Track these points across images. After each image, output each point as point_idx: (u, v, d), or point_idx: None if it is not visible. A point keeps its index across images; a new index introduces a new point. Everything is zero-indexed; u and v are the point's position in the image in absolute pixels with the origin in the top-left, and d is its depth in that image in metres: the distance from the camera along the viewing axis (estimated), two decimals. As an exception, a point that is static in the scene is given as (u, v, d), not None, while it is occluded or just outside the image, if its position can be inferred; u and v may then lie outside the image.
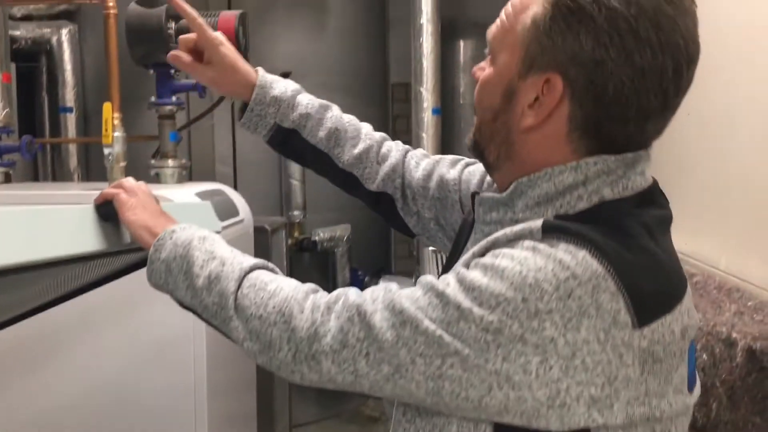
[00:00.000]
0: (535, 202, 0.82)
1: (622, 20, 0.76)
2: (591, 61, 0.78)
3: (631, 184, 0.82)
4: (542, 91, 0.81)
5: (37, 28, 3.78)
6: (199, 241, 0.96)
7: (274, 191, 3.93)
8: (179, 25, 2.91)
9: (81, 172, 3.86)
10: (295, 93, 1.18)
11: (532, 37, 0.81)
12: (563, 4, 0.78)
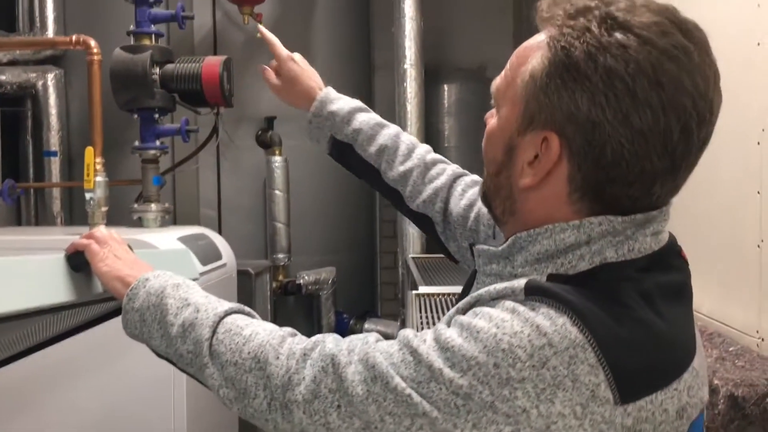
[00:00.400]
0: (535, 258, 0.79)
1: (618, 80, 0.72)
2: (587, 121, 0.74)
3: (638, 246, 0.77)
4: (541, 150, 0.78)
5: (23, 73, 3.79)
6: (172, 288, 0.95)
7: (259, 234, 3.92)
8: (164, 70, 2.94)
9: (64, 216, 3.84)
10: (354, 110, 1.23)
11: (530, 93, 0.78)
12: (559, 61, 0.75)
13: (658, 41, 0.73)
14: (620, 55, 0.72)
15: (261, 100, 3.91)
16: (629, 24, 0.73)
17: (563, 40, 0.75)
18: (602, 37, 0.73)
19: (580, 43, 0.73)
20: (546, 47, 0.76)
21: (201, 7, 3.73)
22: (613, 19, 0.73)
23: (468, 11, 5.06)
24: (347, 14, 4.35)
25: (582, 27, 0.74)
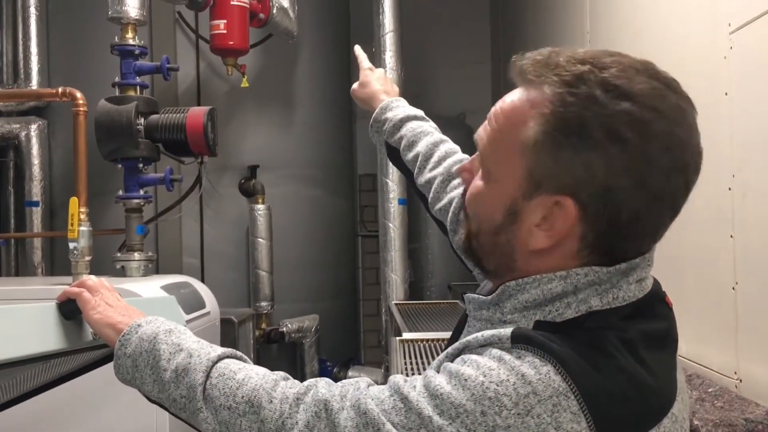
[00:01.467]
0: (524, 305, 0.81)
1: (632, 148, 0.74)
2: (603, 186, 0.75)
3: (622, 294, 0.79)
4: (551, 212, 0.78)
5: (6, 124, 3.81)
6: (165, 334, 0.95)
7: (242, 282, 3.92)
8: (148, 121, 2.98)
9: (45, 266, 3.82)
10: (407, 117, 1.30)
11: (536, 159, 0.77)
12: (568, 128, 0.75)
13: (662, 107, 0.75)
14: (631, 124, 0.74)
15: (244, 149, 3.96)
16: (632, 92, 0.75)
17: (571, 108, 0.75)
18: (610, 106, 0.74)
19: (589, 112, 0.74)
20: (549, 113, 0.76)
21: (185, 59, 3.80)
22: (615, 88, 0.75)
23: (447, 62, 5.19)
24: (329, 65, 4.44)
25: (586, 95, 0.75)
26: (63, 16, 3.96)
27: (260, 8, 3.52)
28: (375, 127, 1.33)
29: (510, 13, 4.71)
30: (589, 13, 2.79)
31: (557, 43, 3.45)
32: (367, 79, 1.40)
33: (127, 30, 2.95)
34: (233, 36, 3.36)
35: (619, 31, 2.47)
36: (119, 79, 2.98)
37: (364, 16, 4.36)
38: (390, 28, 3.92)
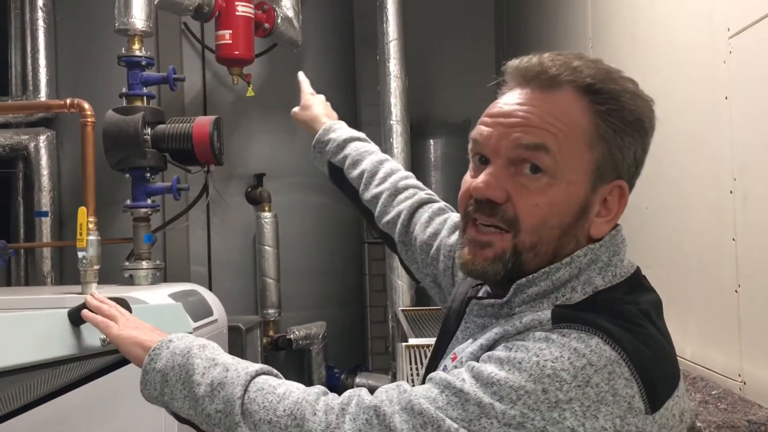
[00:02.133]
0: (532, 298, 0.85)
1: (651, 130, 0.88)
2: (635, 163, 0.87)
3: (619, 271, 0.86)
4: (607, 198, 0.86)
5: (15, 135, 3.85)
6: (198, 349, 0.94)
7: (249, 290, 3.94)
8: (155, 130, 3.01)
9: (54, 275, 3.85)
10: (350, 138, 1.35)
11: (602, 150, 0.84)
12: (630, 121, 0.85)
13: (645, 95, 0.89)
14: (651, 111, 0.88)
15: (250, 157, 3.98)
16: (635, 86, 0.88)
17: (628, 105, 0.85)
18: (641, 98, 0.87)
19: (635, 106, 0.86)
20: (591, 104, 0.84)
21: (191, 69, 3.83)
22: (631, 82, 0.87)
23: (451, 69, 5.21)
24: (333, 73, 4.47)
25: (622, 90, 0.86)
26: (70, 28, 4.00)
27: (265, 18, 3.56)
28: (318, 148, 1.38)
29: (514, 20, 4.73)
30: (591, 20, 2.81)
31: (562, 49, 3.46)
32: (308, 103, 1.46)
33: (133, 41, 2.98)
34: (238, 46, 3.39)
35: (620, 38, 2.49)
36: (126, 90, 3.01)
37: (368, 25, 4.39)
38: (394, 36, 3.95)
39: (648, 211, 2.14)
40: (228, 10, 3.36)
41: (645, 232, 2.14)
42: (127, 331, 1.01)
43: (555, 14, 3.47)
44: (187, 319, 1.45)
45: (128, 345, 0.99)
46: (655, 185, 2.07)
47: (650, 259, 2.07)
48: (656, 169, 2.10)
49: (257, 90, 3.77)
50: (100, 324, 1.03)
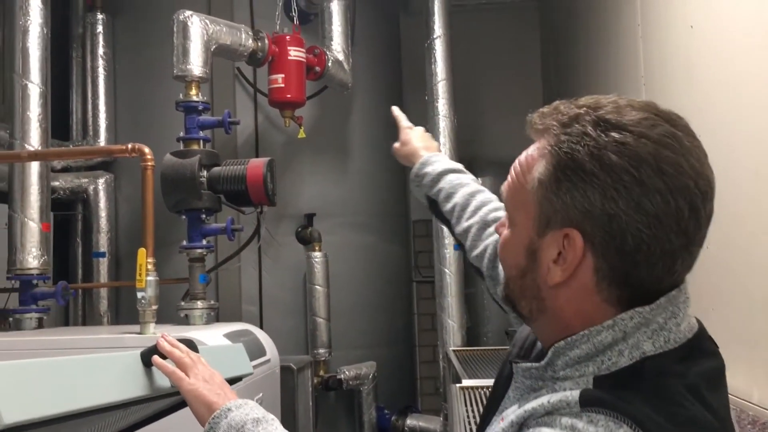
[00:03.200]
0: (575, 361, 0.82)
1: (624, 172, 0.77)
2: (603, 215, 0.78)
3: (673, 336, 0.80)
4: (563, 246, 0.81)
5: (75, 179, 3.98)
6: (252, 423, 1.02)
7: (300, 329, 3.96)
8: (210, 173, 3.08)
9: (111, 315, 3.93)
10: (446, 171, 1.36)
11: (542, 196, 0.82)
12: (564, 164, 0.80)
13: (650, 133, 0.78)
14: (620, 151, 0.78)
15: (301, 197, 4.04)
16: (621, 123, 0.79)
17: (564, 146, 0.80)
18: (600, 138, 0.79)
19: (581, 147, 0.79)
20: (548, 154, 0.82)
21: (244, 111, 3.93)
22: (605, 122, 0.80)
23: (499, 107, 5.22)
24: (382, 113, 4.49)
25: (579, 132, 0.80)
26: (129, 75, 4.15)
27: (316, 62, 3.63)
28: (415, 181, 1.40)
29: (561, 58, 4.74)
30: (643, 58, 2.80)
31: (611, 88, 3.46)
32: (407, 137, 1.47)
33: (191, 87, 3.07)
34: (291, 89, 3.47)
35: (674, 75, 2.47)
36: (183, 134, 3.10)
37: (416, 65, 4.44)
38: (442, 77, 3.99)
39: (709, 249, 2.09)
40: (281, 54, 3.44)
41: (708, 272, 2.09)
42: (197, 385, 1.08)
43: (604, 53, 3.46)
44: (247, 361, 1.47)
45: (196, 403, 1.07)
46: (717, 223, 2.03)
47: (714, 299, 2.02)
48: (716, 207, 2.06)
49: (307, 131, 3.83)
50: (171, 376, 1.09)
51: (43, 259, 2.99)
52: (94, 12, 4.11)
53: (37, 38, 3.02)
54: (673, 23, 2.45)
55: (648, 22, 2.75)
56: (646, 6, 2.77)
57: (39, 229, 2.99)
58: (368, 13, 4.36)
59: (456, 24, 4.28)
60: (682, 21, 2.34)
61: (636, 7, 2.85)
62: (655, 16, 2.67)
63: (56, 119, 3.31)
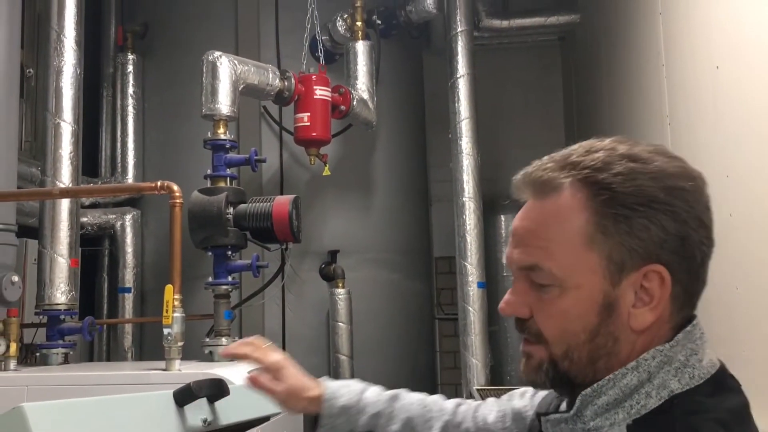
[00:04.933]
0: (604, 408, 0.80)
1: (683, 192, 0.79)
2: (677, 239, 0.78)
3: (698, 373, 0.80)
4: (640, 286, 0.79)
5: (103, 215, 4.04)
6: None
7: (322, 366, 3.94)
8: (237, 210, 3.11)
9: (135, 350, 3.95)
10: (361, 393, 1.17)
11: (608, 243, 0.79)
12: (625, 202, 0.78)
13: (669, 155, 0.82)
14: (672, 174, 0.80)
15: (324, 234, 4.06)
16: (647, 153, 0.81)
17: (616, 186, 0.78)
18: (647, 168, 0.79)
19: (635, 180, 0.79)
20: (593, 200, 0.79)
21: (269, 149, 3.98)
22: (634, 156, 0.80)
23: (522, 145, 5.24)
24: (405, 151, 4.56)
25: (623, 169, 0.79)
26: (157, 113, 4.24)
27: (341, 101, 3.68)
28: (329, 423, 1.14)
29: (584, 97, 4.76)
30: (667, 96, 2.81)
31: (636, 126, 3.45)
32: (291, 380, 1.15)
33: (218, 125, 3.12)
34: (316, 128, 3.51)
35: (700, 113, 2.48)
36: (211, 171, 3.14)
37: (440, 103, 4.49)
38: (466, 115, 4.02)
39: (738, 291, 2.07)
40: (307, 94, 3.49)
41: (737, 314, 2.07)
42: None
43: (627, 92, 3.48)
44: None
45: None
46: (742, 265, 2.02)
47: (744, 341, 2.00)
48: (744, 247, 2.05)
49: (332, 168, 3.87)
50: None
51: (71, 295, 3.02)
52: (125, 52, 4.22)
53: (71, 78, 3.10)
54: (699, 64, 2.46)
55: (672, 63, 2.76)
56: (670, 47, 2.79)
57: (68, 264, 3.02)
58: (392, 53, 4.42)
59: (479, 63, 4.33)
60: (707, 61, 2.36)
61: (660, 47, 2.87)
62: (679, 56, 2.69)
63: (85, 156, 3.38)
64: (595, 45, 4.20)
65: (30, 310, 3.24)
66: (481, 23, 4.60)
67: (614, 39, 3.71)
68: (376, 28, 4.15)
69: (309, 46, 3.84)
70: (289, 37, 4.04)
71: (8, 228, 2.85)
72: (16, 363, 2.64)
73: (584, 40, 4.62)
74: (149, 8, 4.40)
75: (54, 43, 3.10)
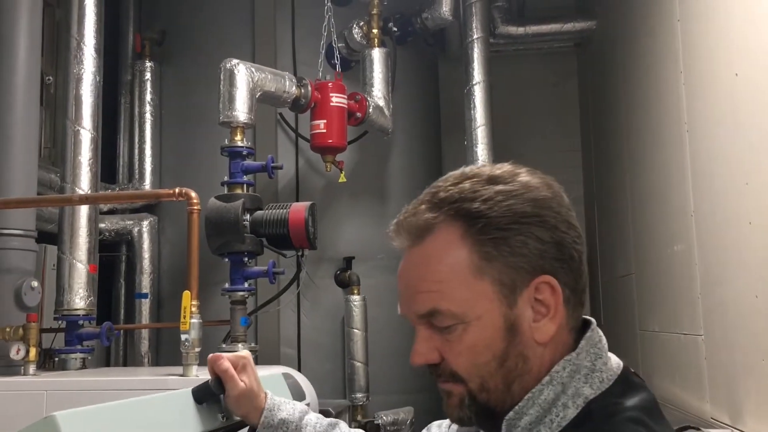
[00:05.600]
0: (528, 428, 0.81)
1: (548, 201, 0.82)
2: (554, 245, 0.81)
3: (606, 376, 0.82)
4: (534, 300, 0.81)
5: (121, 221, 4.07)
6: None
7: (337, 373, 3.95)
8: (253, 216, 3.13)
9: (151, 355, 3.97)
10: (302, 414, 1.16)
11: (498, 268, 0.80)
12: (498, 224, 0.80)
13: (523, 170, 0.86)
14: (533, 186, 0.83)
15: (339, 240, 4.07)
16: (503, 172, 0.85)
17: (485, 210, 0.80)
18: (508, 186, 0.83)
19: (497, 203, 0.81)
20: (465, 231, 0.81)
21: (285, 155, 4.00)
22: (493, 177, 0.83)
23: (538, 150, 5.23)
24: (420, 158, 4.56)
25: (486, 195, 0.81)
26: (175, 120, 4.27)
27: (357, 108, 3.69)
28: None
29: (600, 103, 4.75)
30: (685, 104, 2.79)
31: (653, 133, 3.42)
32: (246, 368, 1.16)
33: (236, 133, 3.15)
34: (332, 135, 3.52)
35: (719, 120, 2.46)
36: (228, 178, 3.16)
37: (455, 110, 4.49)
38: (481, 122, 4.03)
39: (758, 299, 2.06)
40: (323, 101, 3.51)
41: (757, 322, 2.06)
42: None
43: (644, 98, 3.46)
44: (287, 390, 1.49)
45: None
46: (764, 272, 2.00)
47: (764, 349, 1.98)
48: (763, 255, 2.03)
49: (347, 175, 3.88)
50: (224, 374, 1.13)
51: (89, 300, 3.05)
52: (143, 60, 4.26)
53: (90, 86, 3.13)
54: (717, 70, 2.45)
55: (690, 70, 2.75)
56: (688, 54, 2.78)
57: (86, 270, 3.05)
58: (408, 60, 4.43)
59: (494, 69, 4.34)
60: (726, 68, 2.35)
61: (678, 54, 2.86)
62: (698, 64, 2.68)
63: (103, 162, 3.41)
64: (612, 51, 4.19)
65: (48, 315, 3.27)
66: (496, 30, 4.61)
67: (631, 45, 3.70)
68: (392, 35, 4.16)
69: (325, 53, 3.86)
70: (305, 44, 4.06)
71: (28, 234, 2.88)
72: (35, 368, 2.67)
73: (601, 47, 4.61)
74: (167, 16, 4.43)
75: (74, 51, 3.14)
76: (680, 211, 2.87)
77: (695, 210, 2.70)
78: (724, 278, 2.39)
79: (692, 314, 2.75)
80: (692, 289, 2.74)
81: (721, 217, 2.39)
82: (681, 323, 2.95)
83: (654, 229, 3.36)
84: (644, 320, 3.67)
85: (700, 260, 2.66)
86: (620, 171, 4.01)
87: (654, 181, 3.32)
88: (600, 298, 4.83)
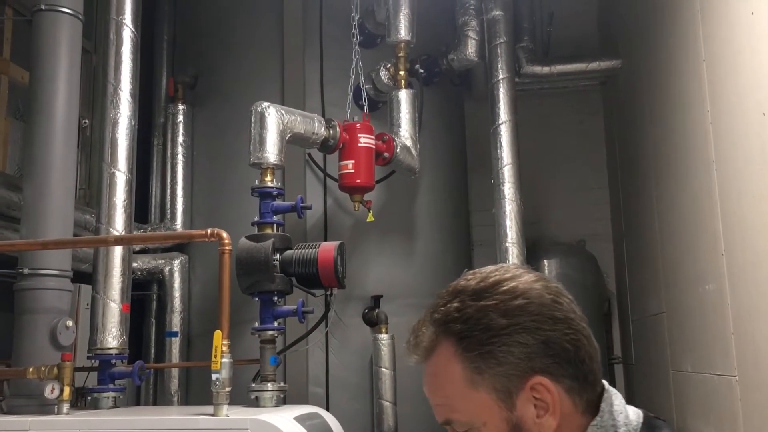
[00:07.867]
0: None
1: (528, 305, 0.88)
2: (540, 344, 0.87)
3: (633, 426, 0.88)
4: (533, 399, 0.87)
5: (152, 260, 4.13)
6: None
7: (366, 412, 3.93)
8: (283, 256, 3.16)
9: (181, 394, 3.99)
10: None
11: (489, 378, 0.87)
12: (480, 339, 0.87)
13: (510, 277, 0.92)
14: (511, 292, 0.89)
15: (368, 279, 4.08)
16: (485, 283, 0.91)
17: (462, 335, 0.88)
18: (484, 300, 0.89)
19: (483, 324, 0.87)
20: (455, 349, 0.88)
21: (313, 195, 4.05)
22: (479, 291, 0.90)
23: (564, 188, 5.24)
24: (447, 196, 4.59)
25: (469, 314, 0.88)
26: (206, 161, 4.35)
27: (385, 148, 3.74)
28: None
29: (627, 140, 4.75)
30: (713, 142, 2.80)
31: (680, 171, 3.41)
32: None
33: (266, 174, 3.20)
34: (360, 175, 3.57)
35: (747, 158, 2.46)
36: (258, 218, 3.20)
37: (481, 149, 4.52)
38: (508, 161, 4.05)
39: (793, 339, 2.03)
40: (351, 142, 3.56)
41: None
42: None
43: (672, 136, 3.47)
44: None
45: None
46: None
47: None
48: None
49: (375, 214, 3.91)
50: None
51: (122, 339, 3.09)
52: (176, 103, 4.37)
53: (125, 129, 3.22)
54: (746, 110, 2.46)
55: (718, 109, 2.76)
56: (715, 93, 2.79)
57: (119, 309, 3.10)
58: (435, 99, 4.49)
59: (520, 107, 4.37)
60: (755, 108, 2.35)
61: (704, 93, 2.87)
62: (725, 102, 2.69)
63: (136, 202, 3.48)
64: (638, 90, 4.21)
65: (81, 354, 3.31)
66: (522, 69, 4.66)
67: (657, 84, 3.71)
68: (419, 76, 4.22)
69: (353, 94, 3.93)
70: (334, 86, 4.14)
71: (64, 274, 2.94)
72: (68, 406, 2.70)
73: (627, 86, 4.63)
74: (198, 59, 4.55)
75: (110, 96, 3.23)
76: (711, 249, 2.85)
77: (726, 249, 2.68)
78: (756, 317, 2.36)
79: (725, 354, 2.72)
80: (725, 328, 2.71)
81: (752, 256, 2.37)
82: (714, 364, 2.91)
83: (684, 268, 3.33)
84: (676, 360, 3.62)
85: (732, 299, 2.63)
86: (649, 208, 3.99)
87: (683, 220, 3.30)
88: (631, 337, 4.78)
